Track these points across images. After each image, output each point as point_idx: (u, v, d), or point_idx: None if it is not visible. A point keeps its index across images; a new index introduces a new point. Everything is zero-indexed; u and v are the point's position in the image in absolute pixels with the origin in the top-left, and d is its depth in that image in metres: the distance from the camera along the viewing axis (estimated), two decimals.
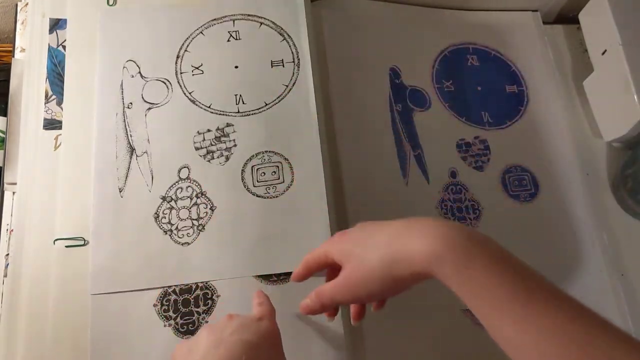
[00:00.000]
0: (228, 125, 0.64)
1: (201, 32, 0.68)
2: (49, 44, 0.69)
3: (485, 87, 0.79)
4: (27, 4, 0.72)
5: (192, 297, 0.58)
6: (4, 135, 0.67)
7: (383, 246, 0.45)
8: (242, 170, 0.62)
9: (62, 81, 0.66)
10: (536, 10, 0.85)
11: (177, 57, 0.67)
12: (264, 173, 0.62)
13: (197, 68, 0.66)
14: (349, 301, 0.51)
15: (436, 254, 0.41)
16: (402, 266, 0.43)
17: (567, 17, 0.86)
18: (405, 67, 0.77)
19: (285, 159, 0.62)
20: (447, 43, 0.81)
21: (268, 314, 0.51)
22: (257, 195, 0.61)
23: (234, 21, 0.68)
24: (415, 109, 0.74)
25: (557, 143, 0.76)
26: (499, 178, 0.73)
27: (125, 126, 0.64)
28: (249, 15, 0.68)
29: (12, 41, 0.72)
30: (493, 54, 0.81)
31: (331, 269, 0.53)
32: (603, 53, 0.74)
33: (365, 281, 0.46)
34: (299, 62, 0.67)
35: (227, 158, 0.62)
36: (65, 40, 0.68)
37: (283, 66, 0.66)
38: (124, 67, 0.66)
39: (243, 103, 0.65)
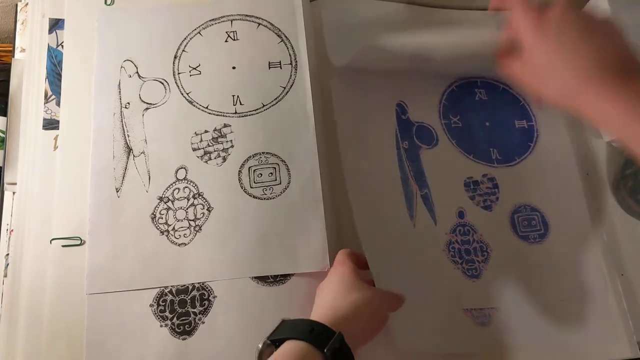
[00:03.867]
0: (225, 126, 0.64)
1: (199, 32, 0.68)
2: (48, 44, 0.69)
3: (493, 122, 0.76)
4: (27, 4, 0.72)
5: (189, 297, 0.58)
6: (4, 135, 0.67)
7: (573, 79, 0.48)
8: (239, 171, 0.62)
9: (62, 81, 0.66)
10: None
11: (175, 57, 0.67)
12: (261, 174, 0.62)
13: (194, 68, 0.66)
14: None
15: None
16: (581, 105, 0.48)
17: None
18: (411, 103, 0.74)
19: (282, 160, 0.63)
20: (454, 77, 0.78)
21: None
22: (254, 197, 0.61)
23: (231, 21, 0.68)
24: (422, 147, 0.72)
25: (567, 177, 0.74)
26: (508, 218, 0.71)
27: (123, 126, 0.64)
28: (246, 15, 0.68)
29: (12, 41, 0.72)
30: (502, 88, 0.78)
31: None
32: None
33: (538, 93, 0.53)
34: (296, 65, 0.66)
35: (224, 159, 0.62)
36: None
37: (280, 68, 0.66)
38: (121, 67, 0.66)
39: (240, 104, 0.65)
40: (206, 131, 0.64)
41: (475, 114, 0.76)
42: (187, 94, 0.65)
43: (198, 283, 0.58)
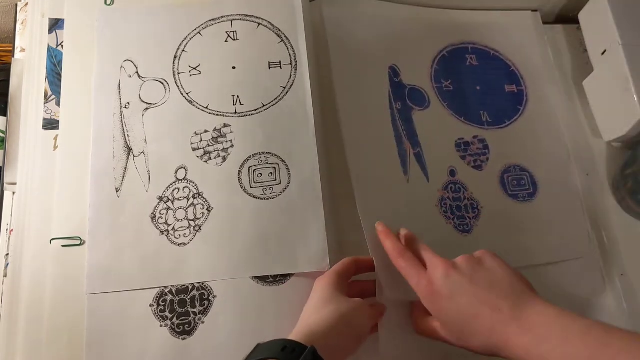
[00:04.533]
0: (225, 126, 0.64)
1: (199, 33, 0.68)
2: (48, 44, 0.69)
3: (484, 86, 0.79)
4: (27, 4, 0.72)
5: (189, 297, 0.58)
6: (4, 135, 0.67)
7: (484, 336, 0.49)
8: (239, 171, 0.62)
9: (62, 81, 0.66)
10: (536, 10, 0.84)
11: (175, 57, 0.67)
12: (261, 174, 0.62)
13: (194, 68, 0.66)
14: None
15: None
16: (504, 353, 0.48)
17: (567, 17, 0.85)
18: (404, 66, 0.77)
19: (282, 160, 0.62)
20: (445, 43, 0.81)
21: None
22: (254, 197, 0.61)
23: (231, 21, 0.68)
24: (414, 108, 0.74)
25: (556, 143, 0.76)
26: (497, 178, 0.73)
27: (123, 126, 0.64)
28: (246, 15, 0.68)
29: (12, 41, 0.72)
30: (492, 54, 0.81)
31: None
32: (603, 53, 0.74)
33: (466, 348, 0.52)
34: (296, 65, 0.66)
35: (224, 159, 0.62)
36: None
37: (280, 68, 0.66)
38: (121, 67, 0.66)
39: (240, 104, 0.65)
40: (206, 131, 0.63)
41: (466, 78, 0.79)
42: (187, 94, 0.65)
43: (198, 283, 0.58)
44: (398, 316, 0.59)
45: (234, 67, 0.66)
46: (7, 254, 0.62)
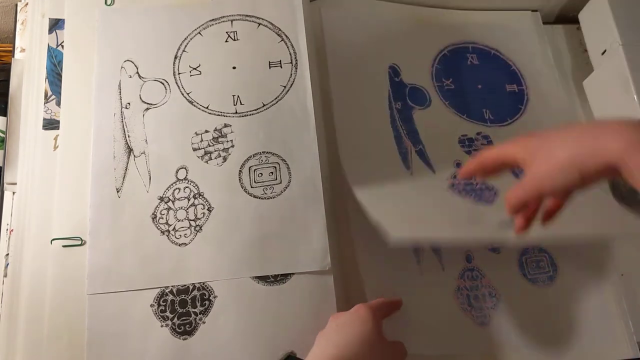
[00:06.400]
0: (226, 125, 0.64)
1: (199, 33, 0.68)
2: (48, 44, 0.69)
3: (485, 85, 0.79)
4: (27, 4, 0.72)
5: (189, 297, 0.58)
6: (4, 135, 0.67)
7: (573, 140, 0.46)
8: (240, 171, 0.62)
9: (62, 81, 0.66)
10: (536, 10, 0.85)
11: (175, 57, 0.67)
12: (262, 174, 0.62)
13: (195, 69, 0.66)
14: (532, 195, 0.50)
15: (631, 144, 0.43)
16: (591, 160, 0.45)
17: (567, 17, 0.86)
18: (404, 65, 0.77)
19: (283, 160, 0.63)
20: (446, 42, 0.81)
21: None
22: (255, 196, 0.61)
23: (232, 22, 0.68)
24: (415, 107, 0.75)
25: None
26: None
27: (123, 126, 0.64)
28: (247, 15, 0.68)
29: (12, 41, 0.72)
30: (493, 53, 0.81)
31: None
32: (603, 53, 0.74)
33: (550, 174, 0.47)
34: (296, 63, 0.66)
35: (225, 159, 0.62)
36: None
37: (281, 67, 0.66)
38: (121, 67, 0.66)
39: (241, 104, 0.65)
40: (206, 131, 0.64)
41: (467, 77, 0.80)
42: (188, 94, 0.65)
43: (199, 283, 0.58)
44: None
45: (234, 67, 0.66)
46: (7, 254, 0.62)
